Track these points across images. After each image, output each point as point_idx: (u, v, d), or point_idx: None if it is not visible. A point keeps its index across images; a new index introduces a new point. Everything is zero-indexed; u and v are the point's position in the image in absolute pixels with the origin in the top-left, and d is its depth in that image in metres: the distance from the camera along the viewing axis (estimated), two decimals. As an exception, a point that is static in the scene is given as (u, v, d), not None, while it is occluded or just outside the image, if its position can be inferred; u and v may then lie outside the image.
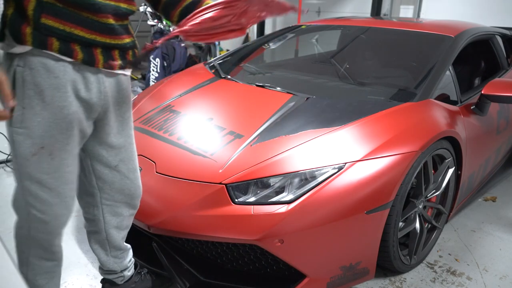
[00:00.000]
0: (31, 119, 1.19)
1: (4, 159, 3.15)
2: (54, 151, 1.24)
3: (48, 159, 1.24)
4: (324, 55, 3.03)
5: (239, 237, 1.58)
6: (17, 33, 1.12)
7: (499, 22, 4.64)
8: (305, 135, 1.80)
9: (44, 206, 1.30)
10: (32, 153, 1.22)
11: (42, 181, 1.26)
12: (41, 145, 1.22)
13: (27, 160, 1.23)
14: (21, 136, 1.20)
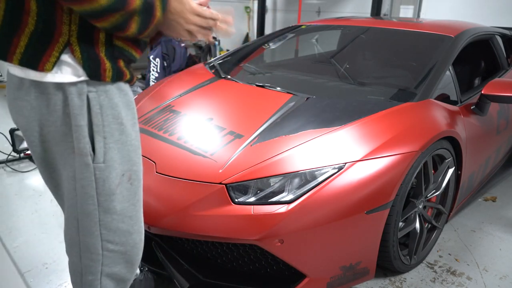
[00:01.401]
0: (113, 148, 1.08)
1: (4, 159, 3.15)
2: (132, 175, 1.14)
3: (128, 186, 1.14)
4: (324, 55, 3.03)
5: (239, 237, 1.58)
6: (96, 70, 1.01)
7: (499, 22, 4.64)
8: (305, 135, 1.80)
9: (124, 238, 1.17)
10: (116, 184, 1.11)
11: (123, 211, 1.14)
12: (122, 173, 1.11)
13: (112, 195, 1.11)
14: (105, 171, 1.08)
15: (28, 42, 0.96)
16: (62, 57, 0.98)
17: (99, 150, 1.06)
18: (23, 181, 2.91)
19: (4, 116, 4.43)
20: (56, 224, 2.35)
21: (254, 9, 8.00)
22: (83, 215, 1.11)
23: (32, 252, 2.09)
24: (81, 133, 1.03)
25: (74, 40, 0.98)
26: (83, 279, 1.19)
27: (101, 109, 1.05)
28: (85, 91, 1.02)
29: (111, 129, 1.07)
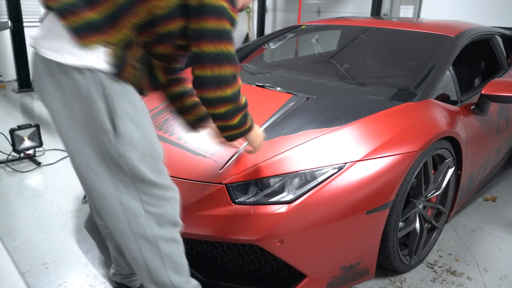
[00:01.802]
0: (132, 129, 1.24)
1: (4, 159, 3.15)
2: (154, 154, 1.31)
3: (151, 163, 1.30)
4: (324, 55, 3.03)
5: (239, 237, 1.58)
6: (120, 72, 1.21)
7: (499, 22, 4.64)
8: (305, 135, 1.80)
9: (161, 201, 1.35)
10: (138, 160, 1.27)
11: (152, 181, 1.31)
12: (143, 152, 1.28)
13: (139, 170, 1.27)
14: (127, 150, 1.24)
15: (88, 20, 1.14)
16: (97, 49, 1.16)
17: (122, 132, 1.22)
18: (23, 181, 2.91)
19: (4, 116, 4.43)
20: (56, 224, 2.35)
21: (254, 9, 8.00)
22: (119, 182, 1.29)
23: (32, 252, 2.09)
24: (101, 114, 1.19)
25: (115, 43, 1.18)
26: (140, 246, 1.36)
27: (118, 95, 1.21)
28: (101, 79, 1.18)
29: (128, 112, 1.23)
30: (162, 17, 1.24)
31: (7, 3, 5.29)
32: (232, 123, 1.39)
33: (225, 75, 1.27)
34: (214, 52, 1.24)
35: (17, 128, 3.14)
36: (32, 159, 3.23)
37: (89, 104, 1.19)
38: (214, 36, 1.24)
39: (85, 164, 1.28)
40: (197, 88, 1.30)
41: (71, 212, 2.49)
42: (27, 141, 3.20)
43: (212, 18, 1.23)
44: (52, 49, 1.18)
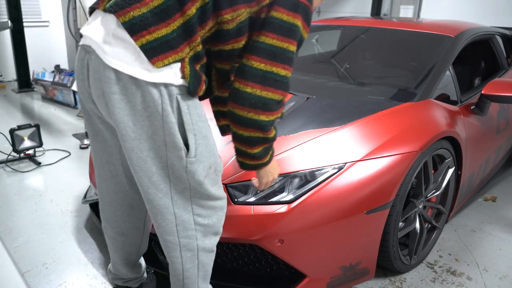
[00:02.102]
0: (202, 144, 1.20)
1: (4, 159, 3.15)
2: (217, 167, 1.29)
3: (214, 176, 1.28)
4: (324, 55, 3.02)
5: (239, 237, 1.58)
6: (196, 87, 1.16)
7: (499, 22, 4.64)
8: (305, 135, 1.80)
9: (210, 211, 1.32)
10: (204, 176, 1.24)
11: (209, 193, 1.29)
12: (209, 166, 1.25)
13: (202, 184, 1.25)
14: (195, 164, 1.21)
15: (161, 37, 1.08)
16: (172, 65, 1.11)
17: (192, 146, 1.18)
18: (23, 181, 2.91)
19: (4, 116, 4.43)
20: (56, 224, 2.35)
21: (254, 9, 7.98)
22: (176, 195, 1.25)
23: (32, 252, 2.09)
24: (173, 129, 1.14)
25: (187, 60, 1.13)
26: (183, 257, 1.33)
27: (189, 109, 1.16)
28: (175, 93, 1.13)
29: (199, 127, 1.20)
30: (229, 33, 1.17)
31: (7, 3, 5.29)
32: (251, 151, 1.28)
33: (265, 98, 1.17)
34: (263, 70, 1.16)
35: (17, 128, 3.14)
36: (32, 159, 3.23)
37: (161, 119, 1.13)
38: (268, 54, 1.16)
39: (147, 178, 1.22)
40: (231, 101, 1.21)
41: (71, 212, 2.49)
42: (27, 141, 3.20)
43: (273, 34, 1.15)
44: (122, 60, 1.10)
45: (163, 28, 1.08)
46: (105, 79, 1.13)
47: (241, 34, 1.19)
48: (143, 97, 1.11)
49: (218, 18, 1.14)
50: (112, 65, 1.10)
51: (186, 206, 1.28)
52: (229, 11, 1.13)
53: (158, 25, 1.08)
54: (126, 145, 1.19)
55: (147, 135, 1.16)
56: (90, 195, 2.28)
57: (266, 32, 1.15)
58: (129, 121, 1.15)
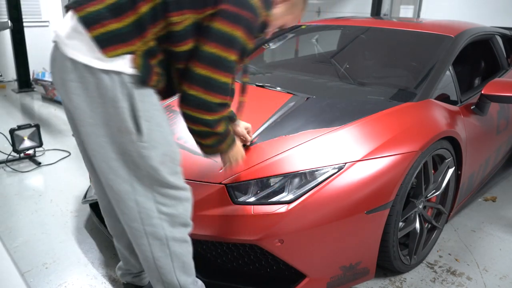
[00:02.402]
0: (155, 130, 1.27)
1: (4, 159, 3.15)
2: (173, 155, 1.35)
3: (171, 165, 1.34)
4: (324, 55, 3.02)
5: (239, 237, 1.58)
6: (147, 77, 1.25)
7: (499, 22, 4.64)
8: (305, 135, 1.80)
9: (174, 201, 1.37)
10: (159, 162, 1.30)
11: (169, 182, 1.34)
12: (164, 153, 1.31)
13: (158, 171, 1.30)
14: (149, 150, 1.27)
15: (114, 30, 1.18)
16: (123, 56, 1.20)
17: (144, 131, 1.25)
18: (23, 181, 2.91)
19: (4, 116, 4.43)
20: (56, 224, 2.35)
21: (254, 9, 7.98)
22: (136, 182, 1.31)
23: (32, 252, 2.09)
24: (125, 114, 1.22)
25: (139, 53, 1.22)
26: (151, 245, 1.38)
27: (142, 97, 1.24)
28: (127, 81, 1.22)
29: (153, 114, 1.26)
30: (177, 35, 1.25)
31: (7, 3, 5.30)
32: (205, 142, 1.40)
33: (208, 101, 1.27)
34: (205, 76, 1.25)
35: (17, 128, 3.14)
36: (32, 159, 3.23)
37: (113, 104, 1.21)
38: (210, 62, 1.25)
39: (104, 163, 1.29)
40: (180, 101, 1.33)
41: (71, 212, 2.49)
42: (27, 141, 3.20)
43: (213, 43, 1.24)
44: (78, 50, 1.20)
45: (116, 22, 1.18)
46: (64, 68, 1.23)
47: (188, 37, 1.26)
48: (97, 84, 1.20)
49: (167, 20, 1.23)
50: (69, 54, 1.21)
51: (147, 194, 1.33)
52: (177, 14, 1.23)
53: (111, 20, 1.18)
54: (83, 130, 1.27)
55: (102, 121, 1.24)
56: (90, 195, 2.28)
57: (208, 41, 1.25)
58: (86, 107, 1.23)
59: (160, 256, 1.41)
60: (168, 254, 1.41)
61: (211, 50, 1.24)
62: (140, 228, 1.36)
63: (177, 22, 1.23)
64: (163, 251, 1.40)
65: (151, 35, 1.24)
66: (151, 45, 1.24)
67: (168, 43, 1.28)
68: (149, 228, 1.36)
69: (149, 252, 1.40)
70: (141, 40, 1.22)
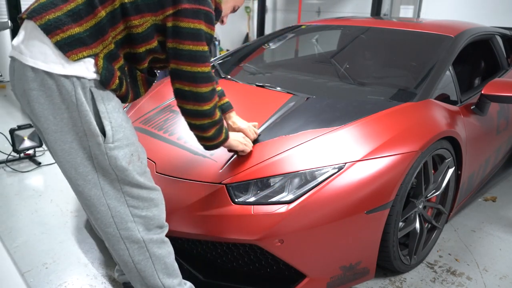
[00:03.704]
0: (119, 131, 1.30)
1: (4, 159, 3.15)
2: (140, 154, 1.38)
3: (139, 164, 1.37)
4: (324, 55, 3.03)
5: (239, 237, 1.58)
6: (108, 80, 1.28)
7: (499, 22, 4.65)
8: (305, 135, 1.80)
9: (146, 203, 1.40)
10: (128, 162, 1.33)
11: (139, 182, 1.37)
12: (130, 153, 1.34)
13: (126, 171, 1.32)
14: (115, 150, 1.30)
15: (74, 34, 1.21)
16: (85, 59, 1.23)
17: (109, 133, 1.28)
18: (23, 181, 2.91)
19: (4, 116, 4.43)
20: (56, 224, 2.35)
21: (254, 9, 8.01)
22: (106, 186, 1.33)
23: (32, 252, 2.09)
24: (88, 117, 1.24)
25: (101, 56, 1.26)
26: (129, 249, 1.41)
27: (103, 100, 1.27)
28: (88, 85, 1.25)
29: (114, 116, 1.30)
30: (139, 37, 1.31)
31: (7, 3, 5.30)
32: (207, 135, 1.49)
33: (201, 93, 1.38)
34: (190, 71, 1.36)
35: (17, 128, 3.14)
36: (32, 159, 3.23)
37: (77, 109, 1.23)
38: (190, 58, 1.35)
39: (73, 169, 1.31)
40: (177, 99, 1.41)
41: (71, 212, 2.49)
42: (27, 141, 3.20)
43: (188, 41, 1.34)
44: (38, 58, 1.21)
45: (76, 27, 1.21)
46: (24, 78, 1.23)
47: (150, 38, 1.34)
48: (59, 90, 1.22)
49: (127, 23, 1.29)
50: (29, 63, 1.21)
51: (118, 197, 1.35)
52: (137, 17, 1.29)
53: (71, 25, 1.21)
54: (48, 137, 1.28)
55: (67, 127, 1.26)
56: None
57: (181, 41, 1.33)
58: (49, 114, 1.25)
59: (140, 260, 1.42)
60: (148, 257, 1.42)
61: (188, 48, 1.33)
62: (115, 233, 1.37)
63: (138, 25, 1.30)
64: (142, 254, 1.41)
65: (111, 38, 1.28)
66: (111, 48, 1.28)
67: (128, 46, 1.33)
68: (124, 232, 1.37)
69: (128, 257, 1.41)
70: (102, 43, 1.25)
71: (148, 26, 1.32)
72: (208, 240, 1.66)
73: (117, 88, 1.31)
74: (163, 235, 1.46)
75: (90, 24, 1.23)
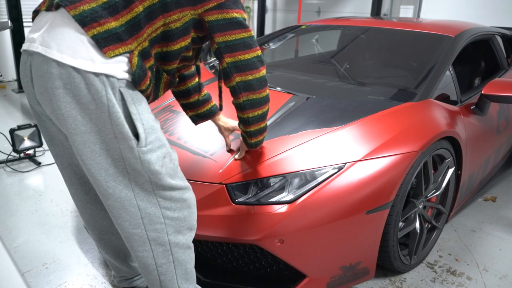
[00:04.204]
0: (151, 133, 1.25)
1: (4, 159, 3.15)
2: (171, 155, 1.33)
3: (171, 165, 1.31)
4: (324, 55, 3.03)
5: (239, 237, 1.58)
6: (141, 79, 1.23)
7: (499, 22, 4.65)
8: (305, 135, 1.80)
9: (179, 204, 1.35)
10: (160, 165, 1.27)
11: (172, 184, 1.32)
12: (163, 155, 1.28)
13: (159, 174, 1.27)
14: (148, 154, 1.23)
15: (111, 29, 1.15)
16: (120, 57, 1.17)
17: (142, 135, 1.21)
18: (23, 181, 2.91)
19: (4, 116, 4.43)
20: (56, 224, 2.35)
21: (254, 9, 8.01)
22: (137, 187, 1.27)
23: (32, 252, 2.09)
24: (120, 119, 1.18)
25: (136, 53, 1.20)
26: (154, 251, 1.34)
27: (133, 100, 1.21)
28: (117, 85, 1.18)
29: (146, 117, 1.24)
30: (177, 32, 1.28)
31: (7, 3, 5.29)
32: (264, 124, 1.52)
33: (263, 76, 1.40)
34: (250, 59, 1.36)
35: (17, 128, 3.14)
36: (32, 159, 3.23)
37: (107, 110, 1.16)
38: (245, 46, 1.35)
39: (103, 171, 1.23)
40: (244, 92, 1.39)
41: (71, 212, 2.49)
42: (27, 141, 3.20)
43: (237, 30, 1.34)
44: (66, 52, 1.13)
45: (113, 21, 1.16)
46: (47, 75, 1.15)
47: (187, 33, 1.32)
48: (88, 89, 1.14)
49: (166, 19, 1.25)
50: (55, 57, 1.13)
51: (150, 199, 1.29)
52: (176, 12, 1.26)
53: (108, 18, 1.15)
54: (77, 139, 1.20)
55: (97, 127, 1.19)
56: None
57: (232, 31, 1.33)
58: (77, 114, 1.17)
59: (163, 263, 1.37)
60: (171, 261, 1.38)
61: (240, 36, 1.34)
62: (143, 234, 1.32)
63: (176, 19, 1.26)
64: (166, 258, 1.37)
65: (146, 35, 1.23)
66: (145, 45, 1.23)
67: (162, 44, 1.29)
68: (152, 234, 1.32)
69: (151, 259, 1.36)
70: (137, 39, 1.20)
71: (186, 20, 1.29)
72: (208, 240, 1.66)
73: (146, 89, 1.25)
74: (190, 239, 1.41)
75: (126, 18, 1.17)
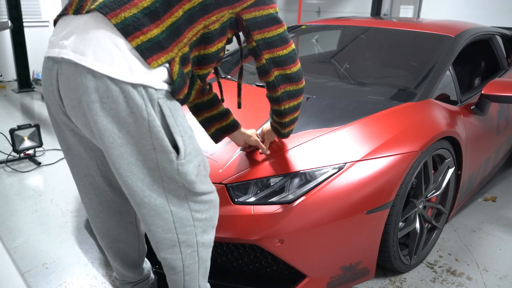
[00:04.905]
0: (189, 144, 1.23)
1: (4, 159, 3.15)
2: (205, 163, 1.32)
3: (204, 173, 1.32)
4: (324, 55, 3.03)
5: (239, 237, 1.58)
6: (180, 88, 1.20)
7: (499, 22, 4.65)
8: (305, 135, 1.80)
9: (206, 205, 1.35)
10: (196, 174, 1.26)
11: (203, 189, 1.31)
12: (198, 164, 1.27)
13: (194, 183, 1.26)
14: (186, 165, 1.22)
15: (154, 37, 1.11)
16: (162, 66, 1.13)
17: (182, 148, 1.20)
18: (23, 181, 2.91)
19: (4, 116, 4.44)
20: (56, 224, 2.35)
21: (254, 9, 7.97)
22: (171, 194, 1.26)
23: (32, 252, 2.09)
24: (161, 133, 1.15)
25: (177, 60, 1.16)
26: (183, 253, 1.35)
27: (171, 112, 1.18)
28: (155, 97, 1.13)
29: (184, 128, 1.22)
30: (215, 33, 1.26)
31: (7, 3, 5.30)
32: (297, 114, 1.57)
33: (299, 70, 1.44)
34: (287, 53, 1.39)
35: (17, 128, 3.14)
36: (32, 159, 3.23)
37: (148, 124, 1.13)
38: (282, 41, 1.38)
39: (139, 181, 1.21)
40: (283, 84, 1.43)
41: (71, 212, 2.49)
42: (27, 141, 3.20)
43: (274, 26, 1.36)
44: (104, 61, 1.08)
45: (154, 29, 1.11)
46: (83, 88, 1.10)
47: (224, 34, 1.30)
48: (126, 102, 1.10)
49: (206, 21, 1.23)
50: (90, 65, 1.07)
51: (182, 204, 1.29)
52: (215, 12, 1.25)
53: (150, 26, 1.11)
54: (114, 152, 1.16)
55: (134, 139, 1.15)
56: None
57: (270, 28, 1.35)
58: (114, 128, 1.13)
59: (190, 264, 1.38)
60: (196, 261, 1.39)
61: (276, 32, 1.36)
62: (174, 238, 1.32)
63: (215, 20, 1.25)
64: (192, 259, 1.38)
65: (187, 40, 1.18)
66: (185, 51, 1.18)
67: (200, 47, 1.26)
68: (183, 236, 1.32)
69: (180, 261, 1.36)
70: (178, 45, 1.15)
71: (224, 21, 1.27)
72: (208, 240, 1.66)
73: (184, 98, 1.22)
74: (213, 237, 1.42)
75: (166, 24, 1.13)
